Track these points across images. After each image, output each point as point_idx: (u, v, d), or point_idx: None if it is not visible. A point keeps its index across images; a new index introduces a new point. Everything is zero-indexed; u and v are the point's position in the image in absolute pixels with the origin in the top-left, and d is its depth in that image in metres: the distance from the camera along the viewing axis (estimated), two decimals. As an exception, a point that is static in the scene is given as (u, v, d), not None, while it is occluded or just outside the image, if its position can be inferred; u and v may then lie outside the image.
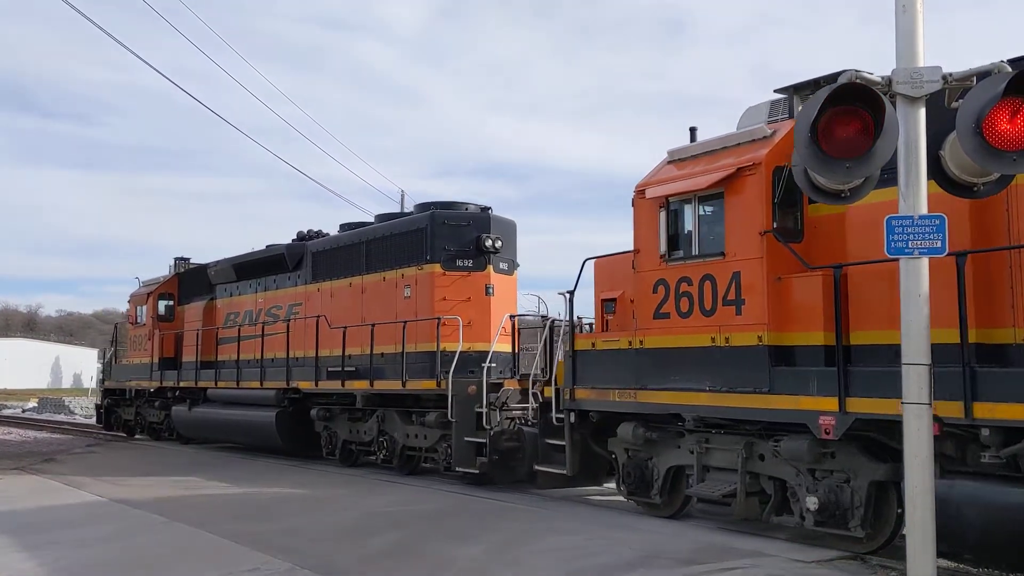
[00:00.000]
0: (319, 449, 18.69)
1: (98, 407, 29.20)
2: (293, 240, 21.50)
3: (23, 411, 50.09)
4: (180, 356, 24.81)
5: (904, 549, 6.56)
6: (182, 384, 23.70)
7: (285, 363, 19.63)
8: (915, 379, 6.10)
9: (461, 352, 15.26)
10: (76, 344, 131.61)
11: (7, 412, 48.52)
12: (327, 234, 20.73)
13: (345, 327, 17.83)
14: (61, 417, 42.13)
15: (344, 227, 20.01)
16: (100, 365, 29.48)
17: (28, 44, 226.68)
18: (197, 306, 24.59)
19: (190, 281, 25.92)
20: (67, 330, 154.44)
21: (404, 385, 16.05)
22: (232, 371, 21.69)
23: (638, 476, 11.46)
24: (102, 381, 28.85)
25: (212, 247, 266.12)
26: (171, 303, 25.85)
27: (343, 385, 17.52)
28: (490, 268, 16.65)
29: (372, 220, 19.52)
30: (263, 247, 22.22)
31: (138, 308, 26.83)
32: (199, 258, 27.47)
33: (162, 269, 28.29)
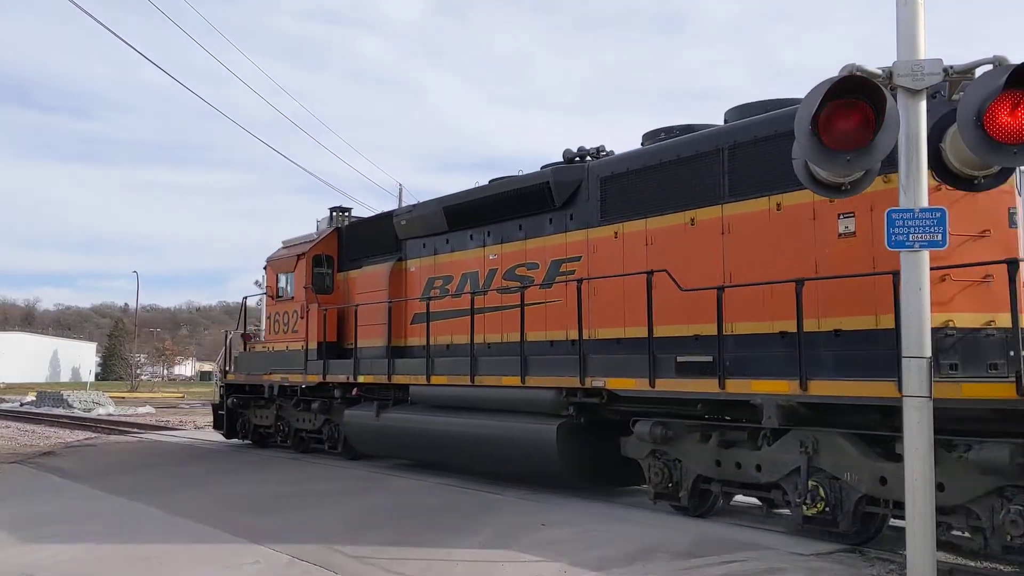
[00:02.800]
0: (626, 480, 12.70)
1: (215, 408, 22.89)
2: (557, 164, 13.97)
3: (21, 405, 50.06)
4: (345, 339, 18.31)
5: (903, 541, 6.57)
6: (362, 378, 16.63)
7: (570, 348, 12.72)
8: (915, 372, 6.10)
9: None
10: (74, 338, 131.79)
11: (5, 406, 48.48)
12: (610, 152, 13.72)
13: (719, 287, 10.26)
14: (60, 411, 42.11)
15: (652, 137, 12.97)
16: (225, 352, 22.85)
17: (28, 39, 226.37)
18: (374, 271, 17.85)
19: (355, 238, 19.22)
20: (65, 324, 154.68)
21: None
22: (455, 361, 14.53)
23: None
24: (224, 374, 22.45)
25: (211, 241, 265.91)
26: (328, 269, 19.48)
27: (722, 387, 10.03)
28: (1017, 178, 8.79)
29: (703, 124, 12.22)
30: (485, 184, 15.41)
31: (280, 276, 20.38)
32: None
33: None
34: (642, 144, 12.94)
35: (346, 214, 20.55)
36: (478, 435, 13.69)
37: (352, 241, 19.09)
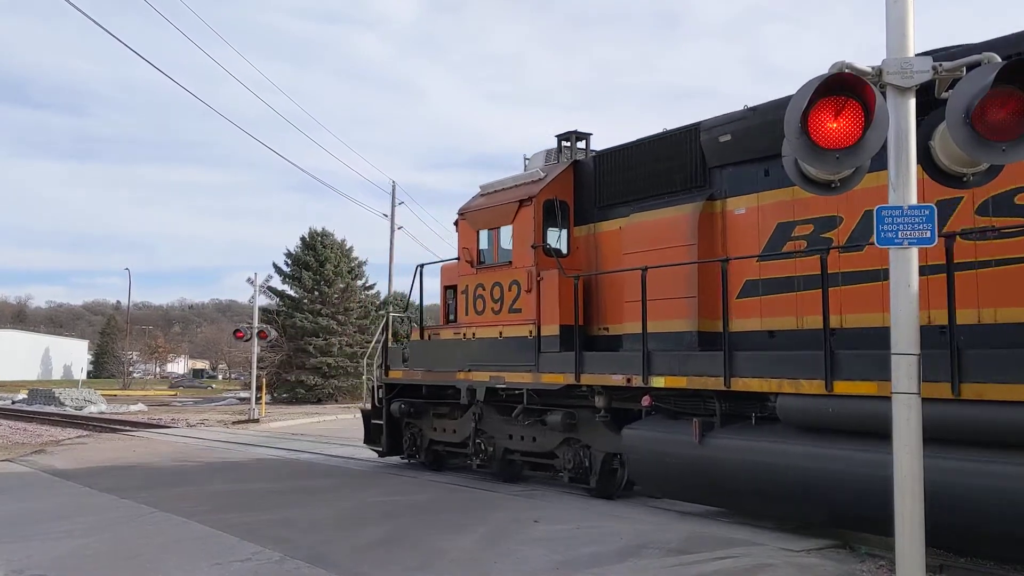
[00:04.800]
0: None
1: (367, 416, 17.29)
2: None
3: (12, 402, 49.92)
4: (594, 321, 13.01)
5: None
6: (662, 381, 10.89)
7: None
8: (904, 369, 6.12)
9: None
10: (66, 336, 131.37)
11: (-3, 404, 48.34)
12: None
13: None
14: (51, 409, 42.00)
15: None
16: (380, 339, 17.49)
17: (21, 36, 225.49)
18: (660, 219, 11.79)
19: (608, 175, 13.13)
20: (57, 322, 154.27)
21: None
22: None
23: None
24: (383, 369, 16.85)
25: (204, 238, 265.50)
26: (563, 220, 13.55)
27: None
28: None
29: None
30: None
31: (483, 234, 14.49)
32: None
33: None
34: None
35: (583, 141, 14.37)
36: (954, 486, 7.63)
37: (602, 179, 13.22)
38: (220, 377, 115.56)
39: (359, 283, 53.56)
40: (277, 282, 51.01)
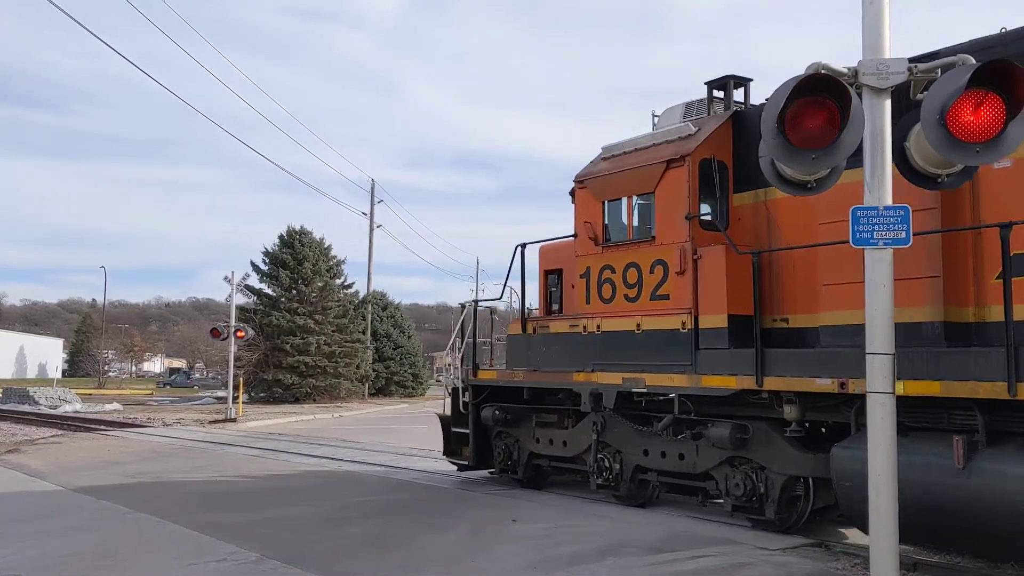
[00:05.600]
0: None
1: (447, 423, 14.73)
2: None
3: (-14, 401, 49.38)
4: (774, 309, 10.38)
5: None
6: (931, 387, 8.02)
7: None
8: (879, 368, 6.17)
9: None
10: (41, 334, 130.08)
11: (-30, 403, 47.80)
12: None
13: None
14: (26, 408, 41.59)
15: None
16: (459, 332, 14.95)
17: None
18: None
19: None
20: (32, 319, 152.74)
21: None
22: None
23: None
24: (469, 369, 14.17)
25: (181, 236, 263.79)
26: (721, 185, 11.04)
27: None
28: None
29: None
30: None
31: (610, 205, 11.94)
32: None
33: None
34: None
35: (741, 89, 11.85)
36: None
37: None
38: (197, 376, 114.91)
39: (337, 282, 53.38)
40: (255, 280, 50.79)
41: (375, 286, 59.15)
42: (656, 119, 12.52)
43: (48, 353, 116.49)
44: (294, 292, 49.47)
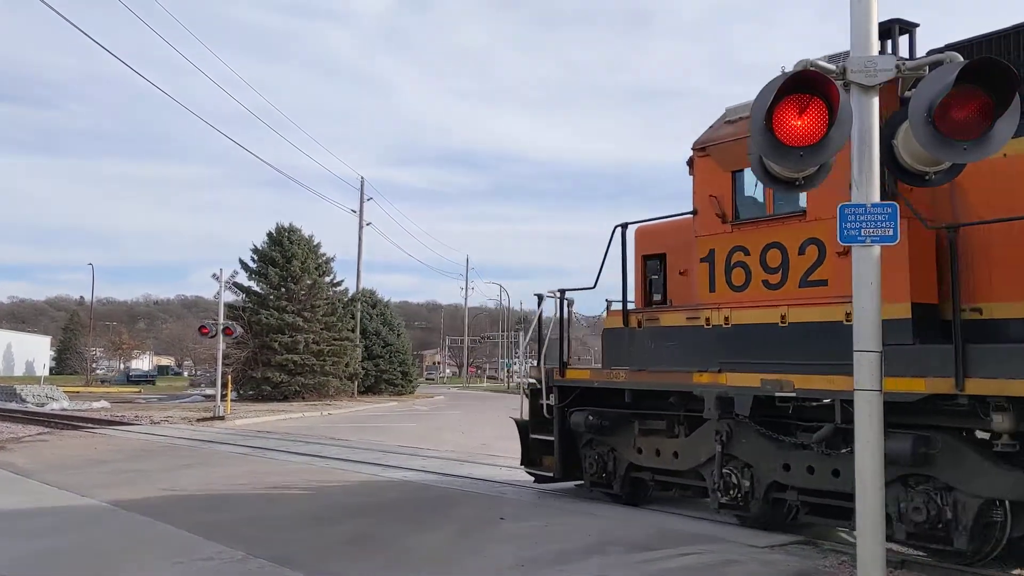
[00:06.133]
0: None
1: (524, 429, 12.99)
2: None
3: (-27, 400, 49.11)
4: (965, 298, 8.29)
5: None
6: None
7: None
8: (866, 366, 6.18)
9: None
10: (28, 331, 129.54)
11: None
12: None
13: None
14: (13, 405, 41.37)
15: None
16: (536, 326, 13.39)
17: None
18: None
19: None
20: (19, 317, 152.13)
21: None
22: None
23: None
24: (551, 370, 12.45)
25: (169, 234, 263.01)
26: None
27: None
28: None
29: None
30: None
31: (742, 175, 10.21)
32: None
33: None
34: None
35: (907, 35, 9.80)
36: None
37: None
38: (185, 374, 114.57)
39: (326, 280, 53.27)
40: (244, 278, 50.62)
41: (364, 284, 59.17)
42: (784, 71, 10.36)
43: (35, 351, 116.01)
44: (283, 290, 49.32)
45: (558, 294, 12.59)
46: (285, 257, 49.83)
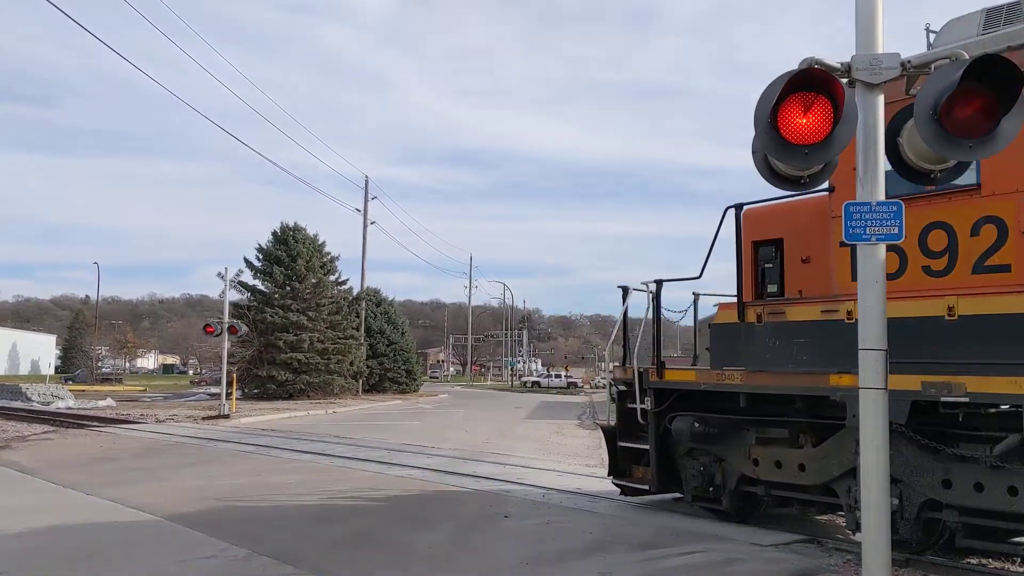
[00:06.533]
0: None
1: (610, 435, 11.79)
2: None
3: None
4: None
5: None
6: None
7: None
8: (872, 364, 6.17)
9: None
10: (33, 330, 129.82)
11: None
12: None
13: None
14: (18, 404, 41.45)
15: None
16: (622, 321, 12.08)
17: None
18: None
19: None
20: (24, 316, 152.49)
21: None
22: None
23: None
24: (657, 365, 11.13)
25: (173, 232, 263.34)
26: None
27: None
28: None
29: None
30: None
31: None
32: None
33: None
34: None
35: None
36: None
37: None
38: (191, 372, 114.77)
39: (331, 278, 53.30)
40: (248, 277, 50.67)
41: (368, 282, 59.19)
42: (932, 36, 9.60)
43: (41, 349, 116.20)
44: (288, 288, 49.37)
45: (653, 286, 11.20)
46: (290, 256, 49.88)
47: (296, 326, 47.71)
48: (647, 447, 10.93)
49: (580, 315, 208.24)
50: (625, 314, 11.62)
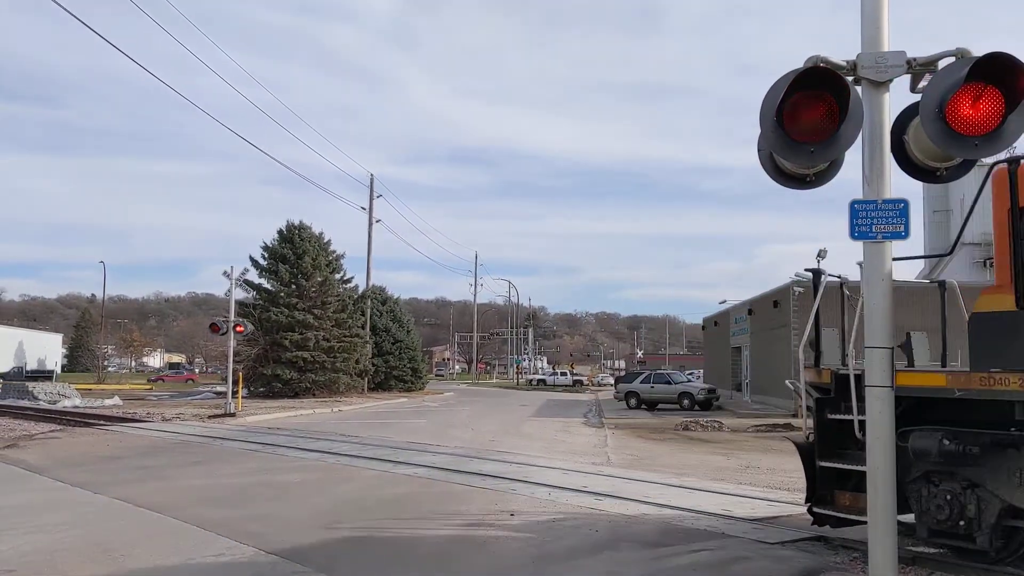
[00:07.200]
0: None
1: (807, 454, 8.77)
2: None
3: (-15, 397, 49.34)
4: None
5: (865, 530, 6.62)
6: None
7: None
8: (878, 362, 6.18)
9: None
10: (40, 329, 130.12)
11: (-31, 398, 47.78)
12: None
13: None
14: (25, 403, 41.57)
15: None
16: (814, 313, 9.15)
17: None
18: None
19: None
20: (30, 315, 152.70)
21: None
22: None
23: None
24: (854, 377, 7.68)
25: (180, 231, 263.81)
26: None
27: None
28: None
29: None
30: None
31: None
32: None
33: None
34: None
35: None
36: None
37: None
38: (197, 371, 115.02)
39: (337, 277, 53.32)
40: (254, 275, 50.71)
41: (374, 280, 59.20)
42: None
43: (47, 348, 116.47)
44: (293, 287, 49.40)
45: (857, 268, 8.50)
46: (296, 254, 49.91)
47: (302, 324, 47.75)
48: (858, 467, 8.05)
49: (585, 313, 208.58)
50: (817, 309, 9.38)
